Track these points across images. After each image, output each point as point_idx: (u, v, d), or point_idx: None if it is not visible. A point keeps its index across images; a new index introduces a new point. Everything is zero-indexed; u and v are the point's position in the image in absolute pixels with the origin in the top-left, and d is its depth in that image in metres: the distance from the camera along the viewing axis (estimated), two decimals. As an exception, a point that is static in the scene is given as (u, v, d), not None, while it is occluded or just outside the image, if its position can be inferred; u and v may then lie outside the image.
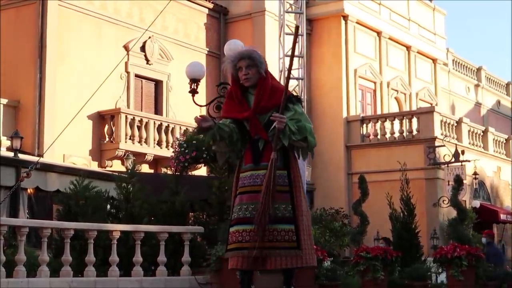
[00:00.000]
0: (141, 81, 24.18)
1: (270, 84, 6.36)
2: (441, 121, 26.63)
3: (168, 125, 23.36)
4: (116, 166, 21.55)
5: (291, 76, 6.51)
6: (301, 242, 6.14)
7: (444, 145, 24.92)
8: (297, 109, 6.29)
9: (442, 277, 13.36)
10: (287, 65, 15.52)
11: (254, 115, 6.27)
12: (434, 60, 34.28)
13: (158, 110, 24.51)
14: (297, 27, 7.06)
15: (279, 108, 6.19)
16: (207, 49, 26.35)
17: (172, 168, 13.40)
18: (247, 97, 6.39)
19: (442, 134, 25.98)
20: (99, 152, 22.06)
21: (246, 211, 6.17)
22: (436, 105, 31.43)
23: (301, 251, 6.13)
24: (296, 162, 6.36)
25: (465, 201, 25.32)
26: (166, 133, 23.24)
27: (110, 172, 17.20)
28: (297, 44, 18.05)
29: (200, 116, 6.31)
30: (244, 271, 6.34)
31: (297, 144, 6.23)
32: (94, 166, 21.26)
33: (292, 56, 6.47)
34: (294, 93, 6.59)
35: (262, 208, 6.03)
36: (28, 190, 16.11)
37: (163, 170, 18.79)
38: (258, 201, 6.11)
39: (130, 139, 22.15)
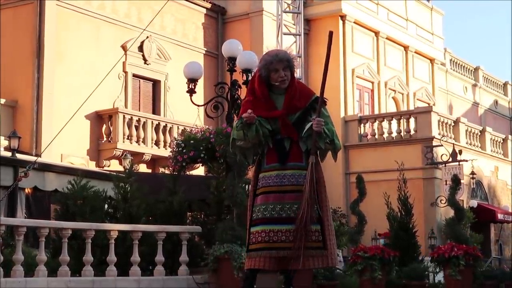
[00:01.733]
0: (139, 81, 24.18)
1: (297, 85, 6.44)
2: (439, 121, 26.65)
3: (166, 125, 23.37)
4: (114, 166, 21.55)
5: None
6: (327, 242, 6.18)
7: (441, 145, 24.95)
8: (324, 112, 6.36)
9: (440, 277, 13.38)
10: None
11: (285, 117, 6.29)
12: (431, 60, 34.30)
13: (156, 110, 24.52)
14: (331, 33, 7.02)
15: (307, 108, 6.29)
16: (205, 49, 26.35)
17: (170, 168, 13.41)
18: (270, 95, 6.40)
19: (439, 134, 26.00)
20: (97, 152, 22.07)
21: (273, 211, 6.14)
22: (434, 105, 31.45)
23: (326, 251, 6.17)
24: (319, 163, 6.39)
25: (463, 200, 25.33)
26: (164, 133, 23.24)
27: (108, 172, 17.20)
28: (296, 44, 18.13)
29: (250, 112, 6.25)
30: (251, 271, 6.30)
31: (326, 146, 6.27)
32: (92, 166, 21.26)
33: (327, 61, 6.56)
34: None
35: (305, 213, 6.05)
36: (26, 190, 16.11)
37: (161, 169, 18.87)
38: (285, 201, 6.13)
39: (128, 139, 22.16)
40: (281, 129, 6.29)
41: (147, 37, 23.67)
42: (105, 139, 22.12)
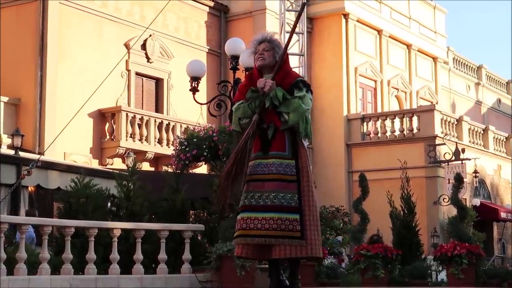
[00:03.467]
0: (142, 79, 24.19)
1: (286, 69, 6.46)
2: (442, 119, 26.63)
3: (169, 123, 23.37)
4: (117, 164, 21.56)
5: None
6: (306, 232, 6.18)
7: (444, 144, 24.93)
8: (299, 93, 6.32)
9: (442, 275, 13.38)
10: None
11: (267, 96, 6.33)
12: (434, 59, 34.27)
13: (158, 108, 24.53)
14: (303, 3, 7.14)
15: (288, 91, 6.29)
16: (208, 47, 26.36)
17: (173, 166, 13.41)
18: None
19: (442, 133, 25.98)
20: (99, 150, 22.08)
21: (252, 199, 6.26)
22: (437, 103, 31.42)
23: (304, 241, 6.17)
24: (304, 152, 6.42)
25: (466, 199, 25.34)
26: (167, 131, 23.25)
27: (111, 170, 17.21)
28: (299, 43, 18.15)
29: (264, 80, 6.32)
30: (270, 262, 6.40)
31: (281, 117, 6.27)
32: (94, 164, 21.27)
33: (293, 30, 6.60)
34: (303, 79, 6.65)
35: (231, 168, 6.25)
36: (29, 188, 16.14)
37: (164, 168, 18.82)
38: (264, 190, 6.22)
39: (130, 137, 22.17)
40: (265, 118, 6.34)
41: (150, 35, 23.67)
42: (108, 137, 22.13)
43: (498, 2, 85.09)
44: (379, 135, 26.84)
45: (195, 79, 12.97)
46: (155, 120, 23.02)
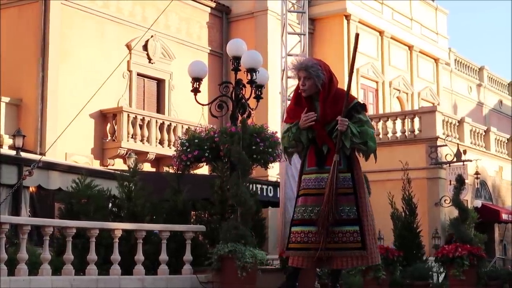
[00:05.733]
0: (143, 79, 24.20)
1: (333, 93, 6.53)
2: (443, 120, 26.60)
3: (170, 123, 23.37)
4: (118, 164, 21.56)
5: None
6: (366, 242, 6.32)
7: (446, 145, 24.91)
8: (361, 117, 6.50)
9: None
10: (289, 63, 15.58)
11: (321, 126, 6.42)
12: (436, 60, 34.27)
13: (160, 109, 24.54)
14: (357, 35, 7.04)
15: (345, 115, 6.40)
16: (210, 48, 26.37)
17: (174, 167, 13.40)
18: (314, 103, 6.54)
19: (444, 134, 25.95)
20: (101, 150, 22.09)
21: (311, 213, 6.33)
22: (438, 104, 31.41)
23: (366, 251, 6.31)
24: (359, 165, 6.58)
25: (467, 200, 25.28)
26: (168, 132, 23.26)
27: (112, 171, 17.20)
28: (300, 44, 18.08)
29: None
30: (294, 269, 6.50)
31: (357, 147, 6.44)
32: (96, 165, 21.28)
33: (353, 63, 6.68)
34: (360, 101, 6.75)
35: (326, 209, 6.17)
36: (30, 189, 16.11)
37: (165, 169, 18.84)
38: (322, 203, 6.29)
39: (132, 137, 22.17)
40: (318, 141, 6.46)
41: (152, 36, 23.68)
42: (109, 138, 22.14)
43: (499, 3, 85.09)
44: (381, 136, 26.80)
45: (196, 80, 12.94)
46: (156, 120, 23.02)
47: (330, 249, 6.21)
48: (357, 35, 6.84)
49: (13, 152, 17.00)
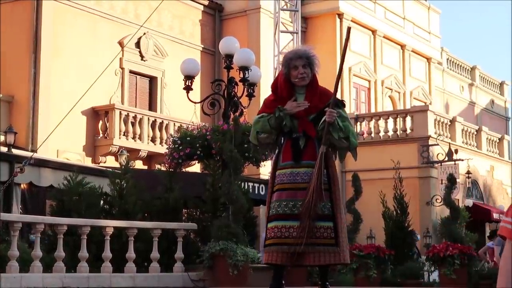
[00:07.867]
0: (136, 77, 24.16)
1: (322, 88, 6.62)
2: (435, 120, 26.66)
3: (162, 121, 23.35)
4: (110, 162, 21.53)
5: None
6: (339, 239, 6.27)
7: (437, 144, 24.95)
8: (342, 113, 6.50)
9: (435, 276, 13.40)
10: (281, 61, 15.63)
11: (306, 115, 6.38)
12: (428, 59, 34.32)
13: (152, 106, 24.51)
14: (349, 29, 7.08)
15: (324, 109, 6.38)
16: (202, 46, 26.34)
17: (166, 165, 13.41)
18: (295, 95, 6.50)
19: (435, 133, 26.00)
20: (93, 148, 22.05)
21: (286, 207, 6.27)
22: (430, 104, 31.46)
23: (338, 248, 6.26)
24: (333, 162, 6.53)
25: (458, 200, 25.35)
26: (160, 130, 23.23)
27: (104, 168, 17.17)
28: (293, 42, 18.15)
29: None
30: (278, 267, 6.43)
31: (340, 142, 6.40)
32: (88, 162, 21.23)
33: (344, 53, 6.64)
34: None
35: (310, 203, 6.15)
36: (22, 186, 16.07)
37: (157, 166, 18.82)
38: (298, 198, 6.24)
39: (124, 135, 22.14)
40: (298, 127, 6.38)
41: (144, 33, 23.64)
42: (101, 135, 22.10)
43: (492, 3, 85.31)
44: (373, 135, 26.84)
45: (189, 77, 12.95)
46: (148, 118, 23.00)
47: (305, 244, 6.13)
48: (349, 28, 6.88)
49: (4, 149, 16.95)
